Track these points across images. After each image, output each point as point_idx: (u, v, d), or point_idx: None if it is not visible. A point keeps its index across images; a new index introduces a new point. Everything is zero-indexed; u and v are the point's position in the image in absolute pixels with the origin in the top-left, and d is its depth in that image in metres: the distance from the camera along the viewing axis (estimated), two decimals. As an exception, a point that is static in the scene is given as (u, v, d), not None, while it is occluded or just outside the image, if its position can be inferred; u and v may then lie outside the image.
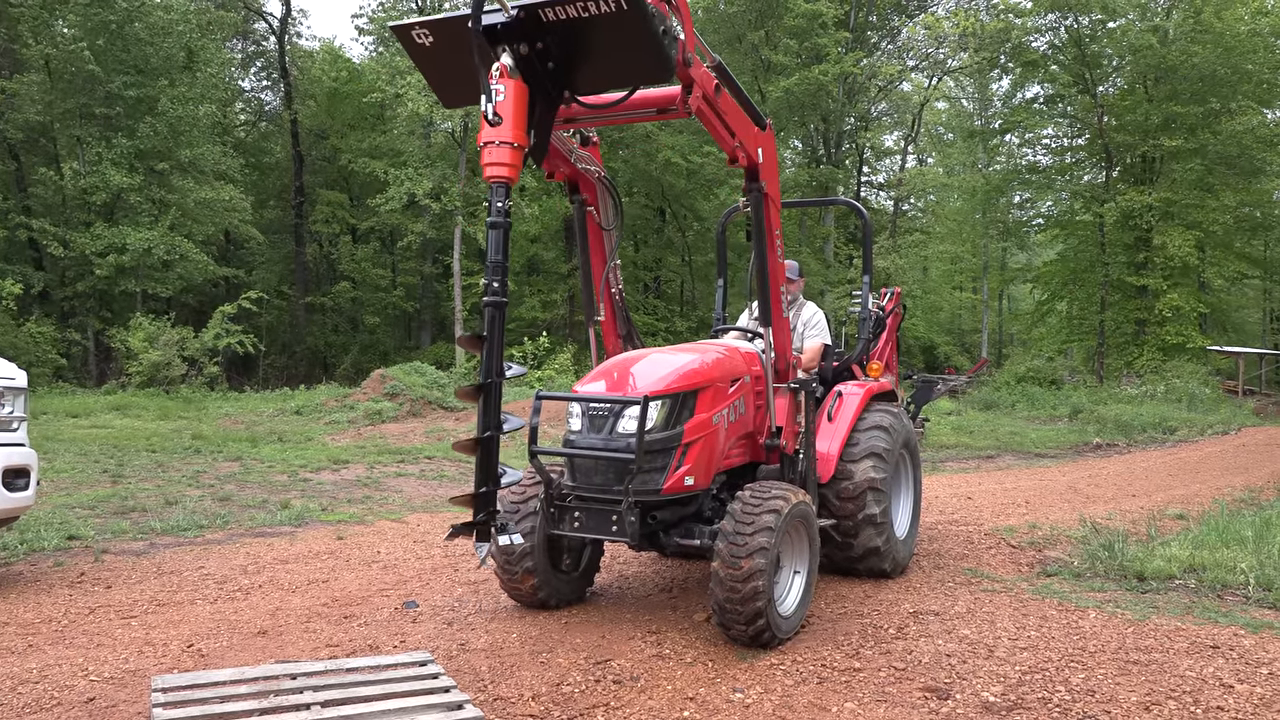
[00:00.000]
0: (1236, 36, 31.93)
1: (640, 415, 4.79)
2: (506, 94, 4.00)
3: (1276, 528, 7.95)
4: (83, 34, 28.33)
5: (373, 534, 8.16)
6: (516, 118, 4.01)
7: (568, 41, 4.09)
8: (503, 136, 3.99)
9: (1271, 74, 34.47)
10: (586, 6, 3.93)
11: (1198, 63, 31.70)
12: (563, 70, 4.18)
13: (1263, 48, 33.42)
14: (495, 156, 4.01)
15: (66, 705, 4.12)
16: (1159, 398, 26.65)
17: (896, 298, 7.80)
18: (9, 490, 5.91)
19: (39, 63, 28.91)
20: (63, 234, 28.36)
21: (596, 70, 4.23)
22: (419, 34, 4.37)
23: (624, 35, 4.02)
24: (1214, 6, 31.45)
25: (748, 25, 35.95)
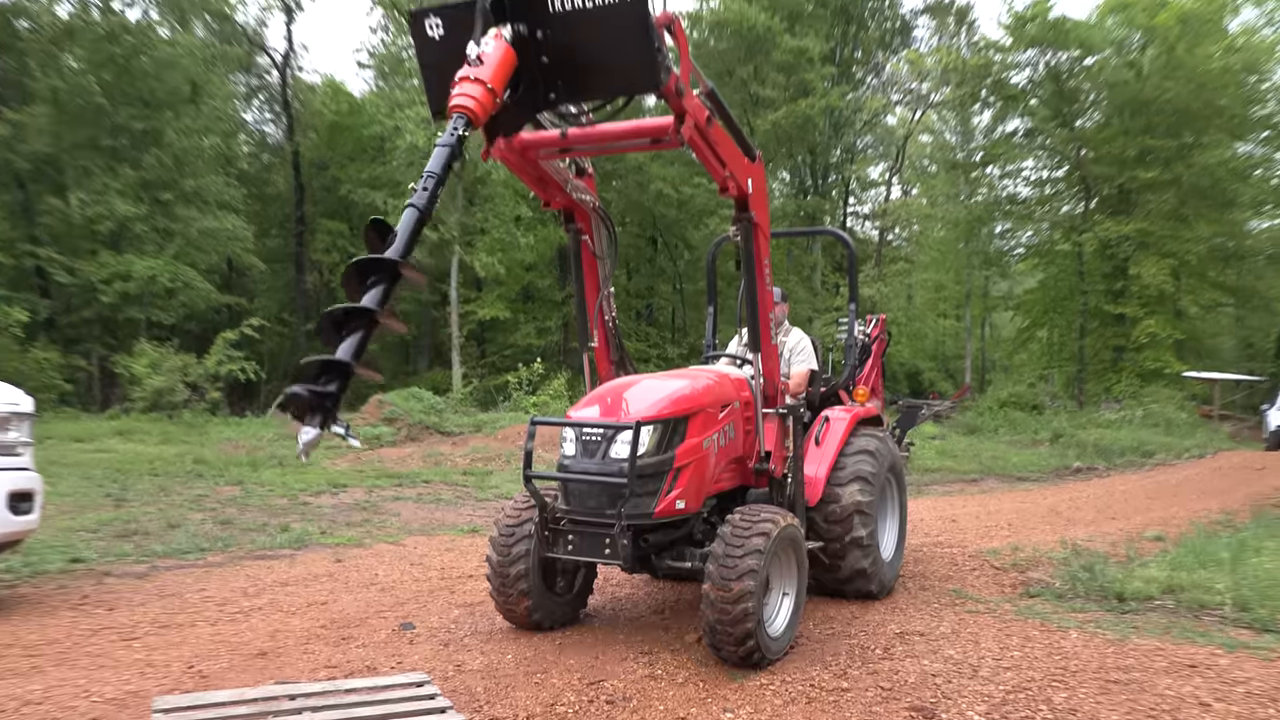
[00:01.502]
0: (1208, 72, 32.28)
1: (632, 440, 4.81)
2: (495, 49, 3.93)
3: (1252, 550, 7.98)
4: (90, 67, 28.44)
5: (371, 556, 8.13)
6: (498, 68, 3.90)
7: (566, 36, 4.07)
8: (479, 74, 3.85)
9: (1242, 109, 34.83)
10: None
11: (1171, 98, 32.02)
12: (554, 69, 4.15)
13: (1233, 83, 33.79)
14: (466, 89, 3.83)
15: (69, 726, 4.09)
16: (1137, 422, 26.71)
17: (881, 325, 7.85)
18: (14, 514, 5.89)
19: (47, 95, 28.96)
20: (69, 262, 28.32)
21: (585, 73, 4.18)
22: (432, 24, 4.36)
23: (618, 36, 4.02)
24: (1186, 44, 31.82)
25: (737, 61, 36.26)
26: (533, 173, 5.16)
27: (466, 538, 9.20)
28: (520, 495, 5.61)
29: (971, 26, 42.80)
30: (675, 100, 4.33)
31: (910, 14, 43.85)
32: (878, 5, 42.82)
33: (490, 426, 19.17)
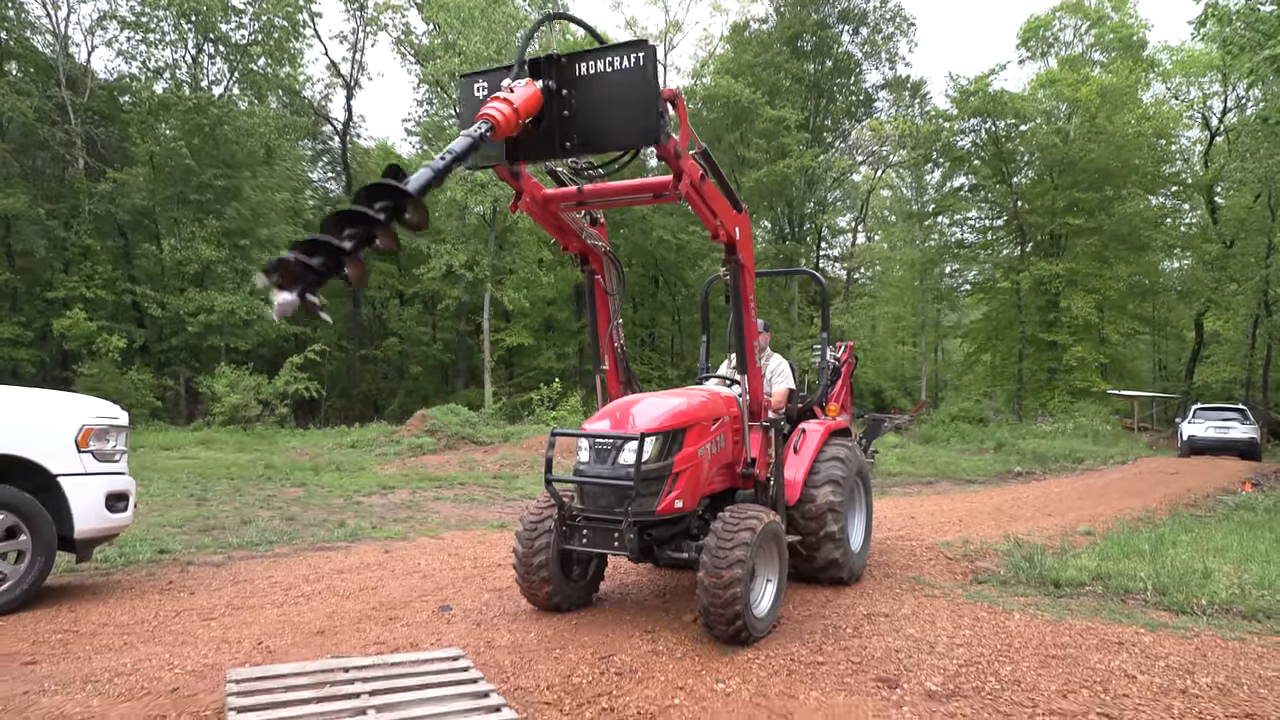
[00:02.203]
0: (1125, 137, 32.42)
1: (638, 449, 4.79)
2: (526, 88, 3.93)
3: (1169, 543, 7.92)
4: (181, 134, 28.75)
5: (414, 548, 8.08)
6: (526, 100, 3.87)
7: (586, 95, 4.08)
8: (508, 97, 3.81)
9: (1155, 167, 34.98)
10: (612, 62, 4.01)
11: (1094, 158, 32.15)
12: (573, 121, 4.13)
13: (1147, 146, 33.94)
14: (495, 104, 3.75)
15: (154, 694, 4.05)
16: (1069, 433, 26.59)
17: (850, 350, 7.82)
18: (111, 512, 5.88)
19: (144, 158, 29.25)
20: (161, 298, 28.51)
21: (600, 127, 4.14)
22: (479, 86, 4.36)
23: (631, 99, 4.03)
24: (1106, 113, 31.95)
25: (725, 128, 36.49)
26: (554, 223, 5.17)
27: (496, 532, 9.15)
28: (542, 496, 5.58)
29: (924, 99, 43.12)
30: (674, 161, 4.34)
31: (872, 88, 44.19)
32: (845, 81, 43.16)
33: (517, 437, 19.14)
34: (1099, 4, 39.19)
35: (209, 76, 32.15)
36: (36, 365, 27.85)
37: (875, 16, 41.97)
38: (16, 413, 5.60)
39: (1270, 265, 30.67)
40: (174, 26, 30.25)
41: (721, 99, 35.73)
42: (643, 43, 4.02)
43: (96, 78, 30.92)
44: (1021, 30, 40.83)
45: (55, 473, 5.59)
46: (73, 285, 27.03)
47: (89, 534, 5.79)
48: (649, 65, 3.98)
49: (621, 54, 4.02)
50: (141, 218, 30.63)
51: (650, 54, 3.98)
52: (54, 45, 29.10)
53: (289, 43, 33.36)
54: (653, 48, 4.02)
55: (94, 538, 5.90)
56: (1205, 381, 36.80)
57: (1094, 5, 39.18)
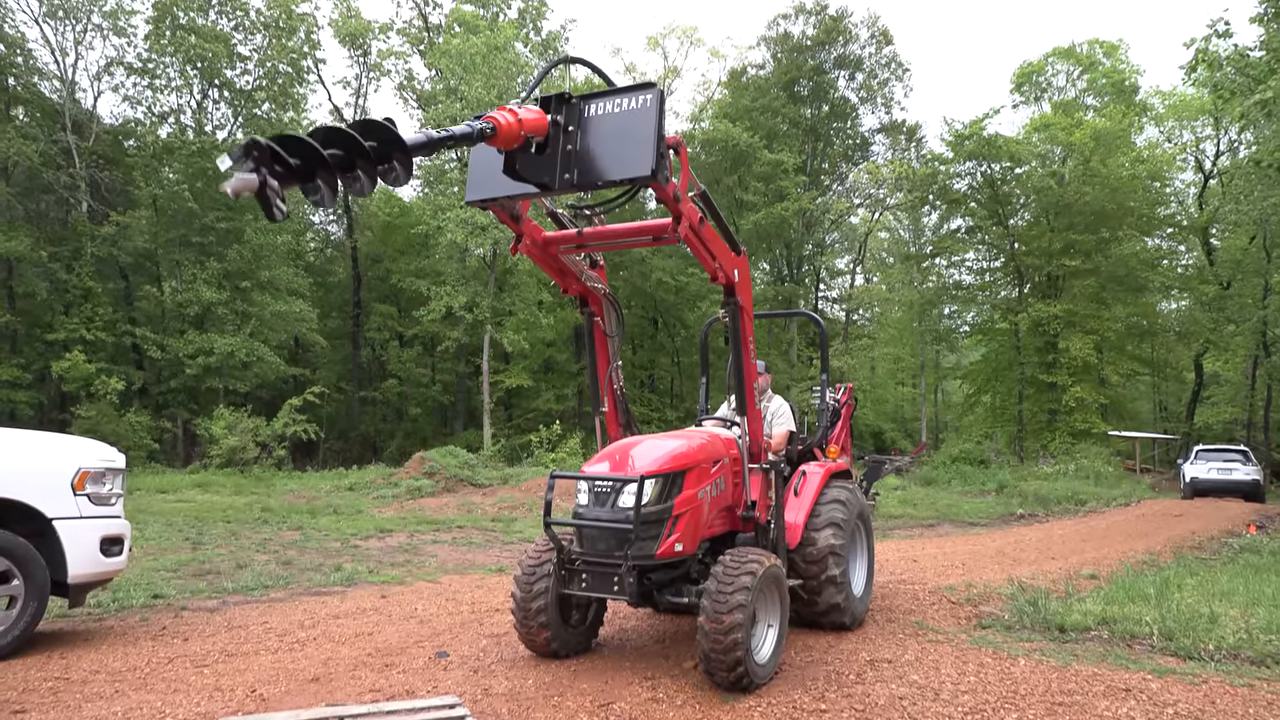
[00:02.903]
0: (1120, 179, 32.73)
1: (637, 491, 4.77)
2: (535, 112, 3.99)
3: (1174, 586, 7.84)
4: (184, 178, 29.03)
5: (411, 593, 8.00)
6: (532, 120, 3.93)
7: (592, 132, 4.14)
8: (514, 108, 3.86)
9: (1149, 209, 35.26)
10: (620, 103, 4.09)
11: (1089, 200, 32.41)
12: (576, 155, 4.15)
13: (1141, 188, 34.24)
14: (502, 112, 3.80)
15: (145, 744, 3.98)
16: (1070, 475, 26.45)
17: (849, 392, 7.83)
18: (106, 556, 5.83)
19: (148, 201, 29.53)
20: (161, 340, 28.57)
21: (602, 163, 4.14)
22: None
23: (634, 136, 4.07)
24: (1100, 156, 32.31)
25: (724, 171, 36.90)
26: (554, 265, 5.21)
27: (494, 576, 9.07)
28: (541, 539, 5.54)
29: (920, 143, 43.64)
30: (673, 204, 4.39)
31: (869, 132, 44.73)
32: (841, 125, 43.72)
33: (515, 479, 19.04)
34: (1090, 50, 39.91)
35: (213, 121, 32.59)
36: (35, 407, 27.80)
37: (871, 63, 42.67)
38: (12, 455, 5.58)
39: (1268, 306, 30.80)
40: (180, 72, 30.73)
41: (720, 143, 36.18)
42: (651, 85, 4.10)
43: (102, 122, 31.34)
44: (1015, 76, 41.51)
45: (50, 516, 5.56)
46: (73, 327, 27.10)
47: (83, 579, 5.73)
48: (655, 106, 4.05)
49: (630, 96, 4.11)
50: (143, 260, 30.84)
51: (658, 96, 4.07)
52: (61, 91, 29.54)
53: (293, 88, 33.84)
54: (661, 91, 4.10)
55: (88, 582, 5.85)
56: (1206, 422, 36.75)
57: (1085, 51, 39.89)
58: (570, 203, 4.83)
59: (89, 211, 29.03)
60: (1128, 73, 39.02)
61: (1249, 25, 15.98)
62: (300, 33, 33.45)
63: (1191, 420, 37.30)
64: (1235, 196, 31.16)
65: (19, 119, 29.14)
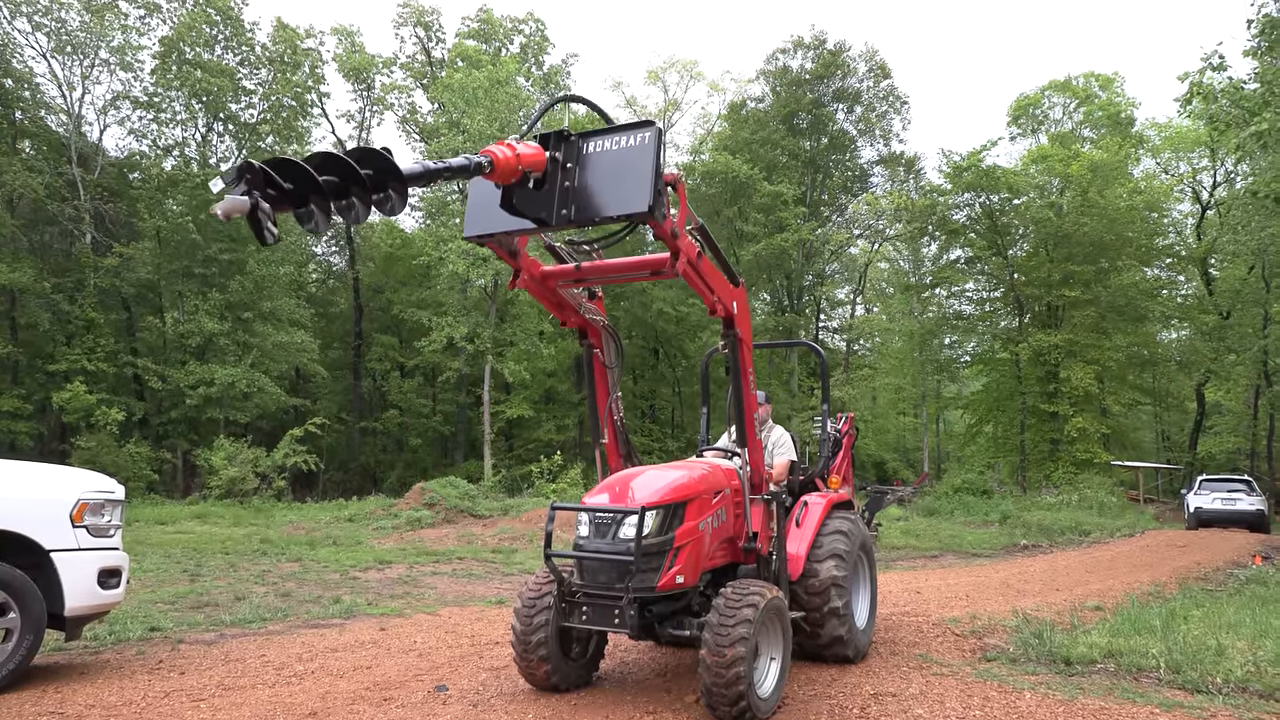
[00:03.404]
0: (1118, 210, 32.94)
1: (638, 523, 4.74)
2: (534, 148, 3.99)
3: (1180, 618, 7.77)
4: (188, 210, 29.24)
5: (411, 626, 7.93)
6: (530, 155, 3.92)
7: (590, 169, 4.14)
8: (512, 143, 3.85)
9: (1148, 239, 35.46)
10: (618, 140, 4.10)
11: (1088, 231, 32.58)
12: (574, 192, 4.14)
13: (1139, 219, 34.46)
14: (499, 147, 3.79)
15: (140, 781, 3.93)
16: (1074, 505, 26.32)
17: (850, 422, 7.81)
18: (103, 588, 5.79)
19: (151, 233, 29.72)
20: (162, 371, 28.62)
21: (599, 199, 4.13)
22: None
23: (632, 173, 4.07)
24: (1097, 187, 32.54)
25: (724, 203, 37.17)
26: (552, 299, 5.20)
27: (494, 608, 8.99)
28: (541, 571, 5.51)
29: (919, 174, 43.99)
30: (671, 241, 4.39)
31: (868, 164, 45.13)
32: (840, 157, 44.12)
33: (516, 510, 18.94)
34: (1087, 83, 40.37)
35: (218, 154, 32.89)
36: (35, 438, 27.76)
37: (869, 96, 43.14)
38: (11, 486, 5.57)
39: (1268, 336, 30.85)
40: (185, 106, 31.09)
41: (720, 175, 36.48)
42: (650, 123, 4.12)
43: (107, 155, 31.65)
44: (1012, 108, 41.97)
45: (48, 548, 5.53)
46: (74, 358, 27.15)
47: (80, 611, 5.69)
48: (653, 143, 4.06)
49: (629, 133, 4.12)
50: (146, 291, 30.98)
51: (656, 134, 4.07)
52: (67, 124, 29.86)
53: (297, 121, 34.21)
54: (659, 129, 4.10)
55: (85, 615, 5.81)
56: (1209, 452, 36.64)
57: (1082, 84, 40.35)
58: (569, 238, 4.84)
59: (93, 243, 29.21)
60: (1124, 105, 39.46)
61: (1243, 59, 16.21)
62: (305, 67, 33.92)
63: (1194, 450, 37.19)
64: (1233, 227, 31.36)
65: (25, 152, 29.44)
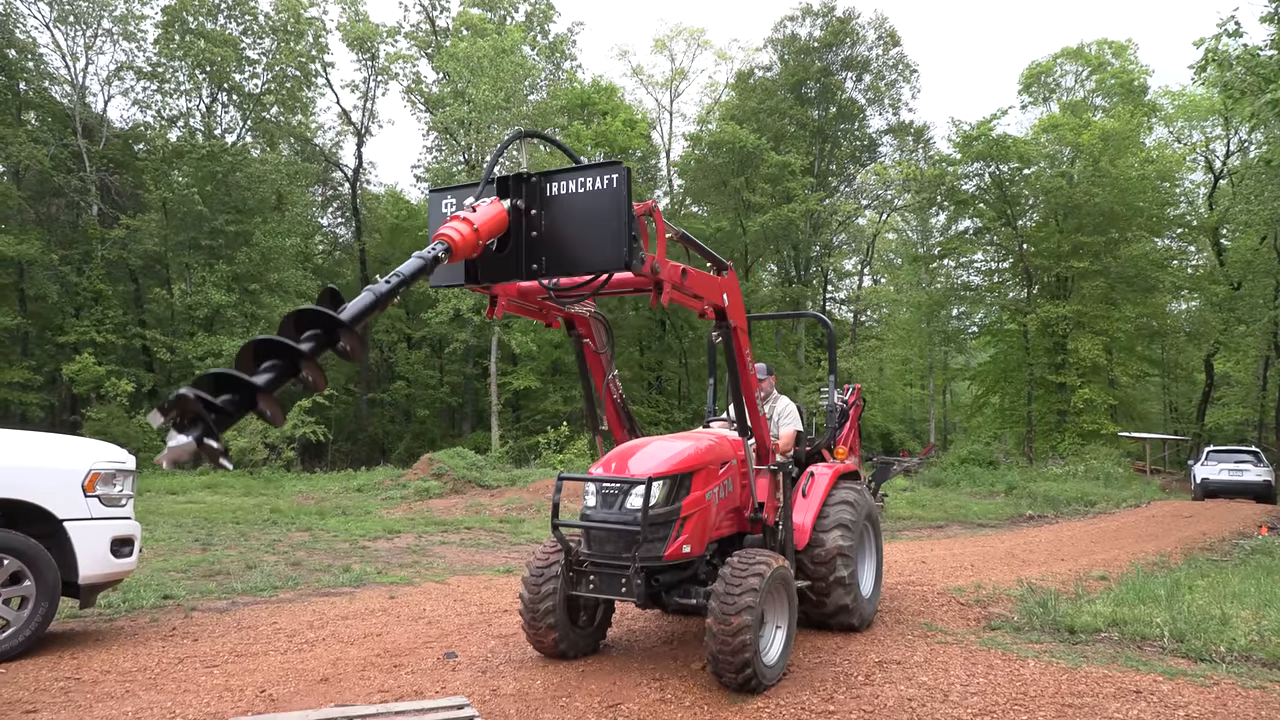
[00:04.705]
0: (1129, 180, 32.61)
1: (644, 493, 4.76)
2: (490, 207, 3.75)
3: (1185, 588, 7.80)
4: (194, 181, 29.20)
5: (420, 594, 8.02)
6: (488, 220, 3.67)
7: (556, 216, 3.94)
8: (469, 217, 3.59)
9: (1159, 209, 35.12)
10: (584, 183, 3.88)
11: (1099, 201, 32.29)
12: (541, 243, 3.97)
13: (1150, 188, 34.12)
14: (454, 224, 3.52)
15: (155, 744, 4.00)
16: (1080, 476, 26.34)
17: (857, 393, 7.80)
18: (116, 557, 5.85)
19: (157, 204, 29.71)
20: (170, 342, 28.72)
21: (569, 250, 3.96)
22: (446, 203, 4.25)
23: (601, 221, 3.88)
24: (1109, 156, 32.18)
25: (731, 173, 36.91)
26: (534, 309, 5.02)
27: (502, 577, 9.08)
28: (549, 541, 5.54)
29: (927, 144, 43.59)
30: (652, 277, 4.24)
31: (876, 133, 44.72)
32: (849, 127, 43.72)
33: (523, 481, 19.06)
34: (1099, 51, 39.78)
35: (222, 125, 32.77)
36: (46, 409, 27.98)
37: (878, 64, 42.65)
38: (24, 457, 5.62)
39: (1279, 306, 30.62)
40: (189, 76, 30.92)
41: (727, 145, 36.19)
42: (616, 164, 3.90)
43: (112, 126, 31.54)
44: (1023, 76, 41.43)
45: (61, 517, 5.59)
46: (83, 330, 27.26)
47: (94, 579, 5.76)
48: (622, 188, 3.85)
49: (595, 175, 3.90)
50: (153, 263, 31.01)
51: (624, 176, 3.85)
52: (72, 96, 29.74)
53: (301, 92, 34.01)
54: (627, 170, 3.88)
55: (98, 583, 5.88)
56: (1217, 423, 36.56)
57: (1094, 52, 39.76)
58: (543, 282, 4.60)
59: (99, 215, 29.21)
60: (1136, 73, 38.89)
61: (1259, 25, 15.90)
62: (308, 37, 33.63)
63: (1202, 421, 37.11)
64: (1246, 197, 31.00)
65: (30, 123, 29.35)
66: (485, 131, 30.05)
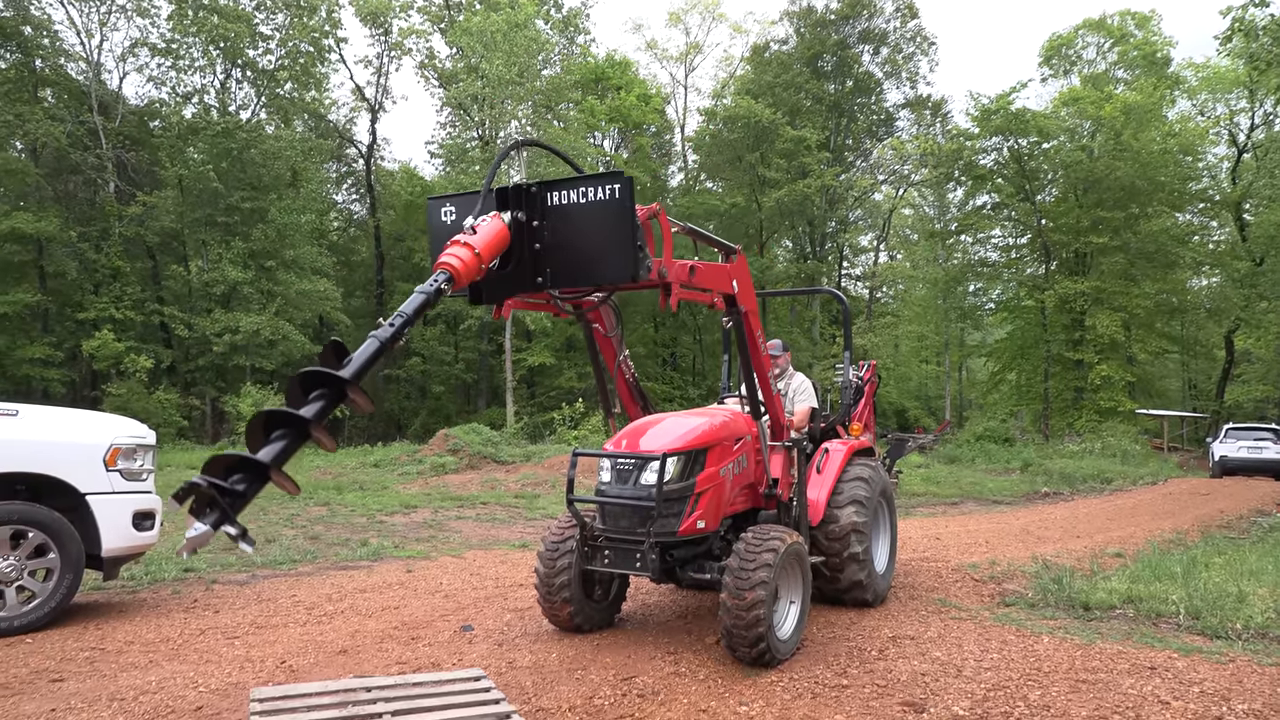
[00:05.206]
0: (1151, 154, 32.11)
1: (659, 469, 4.78)
2: (490, 225, 3.69)
3: (1202, 565, 7.77)
4: (209, 158, 29.23)
5: (436, 568, 8.10)
6: (489, 241, 3.62)
7: (559, 227, 3.88)
8: (469, 241, 3.54)
9: (1181, 184, 34.59)
10: (586, 193, 3.82)
11: (1119, 175, 31.83)
12: (545, 255, 3.92)
13: (1173, 163, 33.59)
14: (455, 250, 3.48)
15: (179, 713, 4.08)
16: (1096, 453, 26.18)
17: (872, 369, 7.77)
18: (138, 530, 5.94)
19: (173, 181, 29.79)
20: (188, 319, 28.94)
21: (574, 262, 3.93)
22: (446, 211, 4.20)
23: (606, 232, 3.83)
24: (1131, 130, 31.69)
25: (746, 148, 36.61)
26: (539, 302, 4.95)
27: (518, 552, 9.15)
28: (564, 516, 5.58)
29: (945, 118, 43.01)
30: (660, 281, 4.20)
31: (893, 107, 44.16)
32: (865, 101, 43.19)
33: (538, 456, 19.15)
34: (1122, 22, 39.01)
35: (237, 101, 32.73)
36: (67, 385, 28.29)
37: (895, 37, 42.02)
38: (47, 432, 5.69)
39: (1302, 282, 30.21)
40: (203, 53, 30.86)
41: (742, 119, 35.85)
42: (619, 174, 3.83)
43: (127, 103, 31.61)
44: (1044, 48, 40.70)
45: (84, 491, 5.67)
46: (102, 306, 27.49)
47: (116, 552, 5.85)
48: (625, 198, 3.78)
49: (597, 185, 3.82)
50: (170, 240, 31.16)
51: (627, 186, 3.78)
52: (87, 72, 29.79)
53: (315, 67, 33.88)
54: (629, 179, 3.81)
55: (121, 556, 5.97)
56: (1236, 401, 36.19)
57: (1117, 23, 39.00)
58: None
59: (116, 192, 29.35)
60: (1160, 44, 38.13)
61: (1288, -7, 15.57)
62: (321, 11, 33.44)
63: (1222, 398, 36.76)
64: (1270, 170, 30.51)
65: (46, 101, 29.44)
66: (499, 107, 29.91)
